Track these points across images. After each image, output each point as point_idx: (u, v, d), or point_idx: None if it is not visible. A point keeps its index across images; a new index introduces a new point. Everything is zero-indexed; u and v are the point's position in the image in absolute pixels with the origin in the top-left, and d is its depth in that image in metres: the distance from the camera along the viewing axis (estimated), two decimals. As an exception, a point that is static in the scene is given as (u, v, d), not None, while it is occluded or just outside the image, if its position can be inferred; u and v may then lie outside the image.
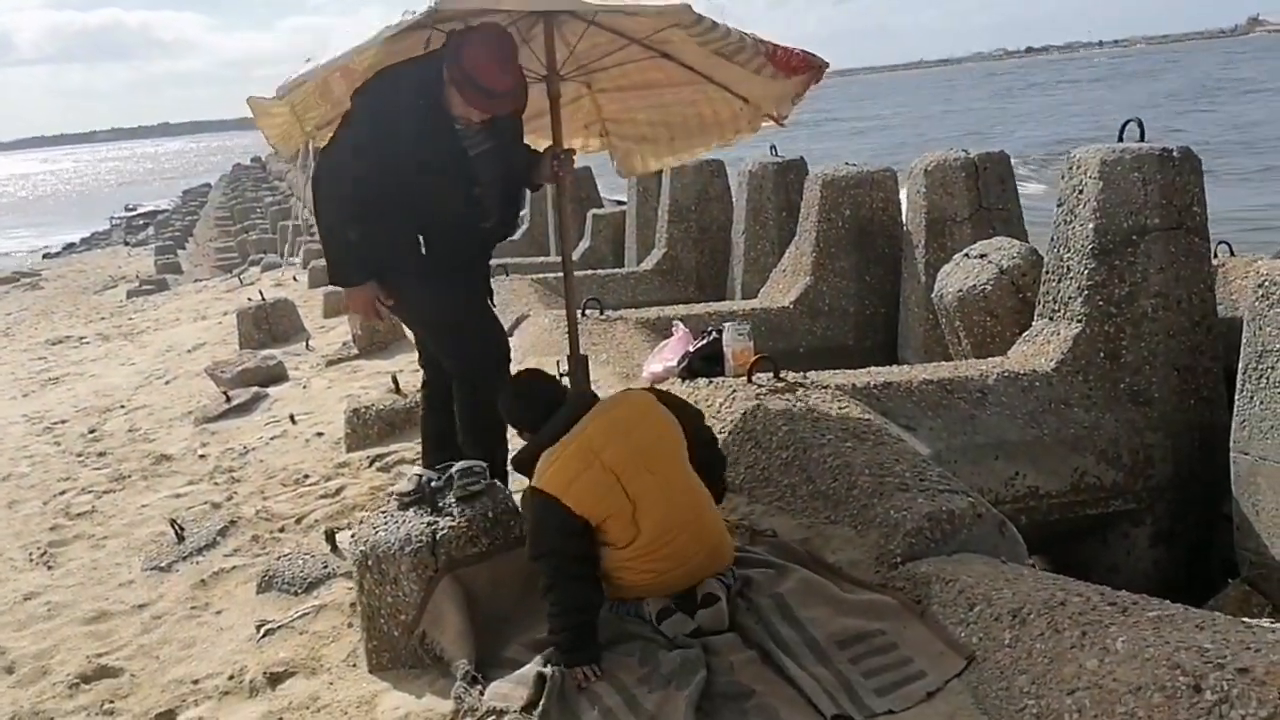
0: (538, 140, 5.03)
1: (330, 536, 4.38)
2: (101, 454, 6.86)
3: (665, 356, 5.06)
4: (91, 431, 7.54)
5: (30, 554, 5.20)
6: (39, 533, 5.49)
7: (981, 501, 3.48)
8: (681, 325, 5.32)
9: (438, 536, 3.39)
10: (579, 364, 4.50)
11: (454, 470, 3.62)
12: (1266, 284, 4.26)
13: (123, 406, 8.22)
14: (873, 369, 5.16)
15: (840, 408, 4.21)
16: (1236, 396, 4.45)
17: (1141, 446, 5.01)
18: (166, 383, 8.77)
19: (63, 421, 8.01)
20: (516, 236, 15.67)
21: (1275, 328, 4.24)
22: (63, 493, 6.11)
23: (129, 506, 5.70)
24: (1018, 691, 2.60)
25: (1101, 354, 5.04)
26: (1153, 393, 5.03)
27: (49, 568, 5.02)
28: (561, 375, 5.00)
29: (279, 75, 3.74)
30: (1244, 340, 4.40)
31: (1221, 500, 4.70)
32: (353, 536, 3.57)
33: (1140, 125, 5.19)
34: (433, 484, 3.60)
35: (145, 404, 8.13)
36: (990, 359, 5.42)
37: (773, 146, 9.38)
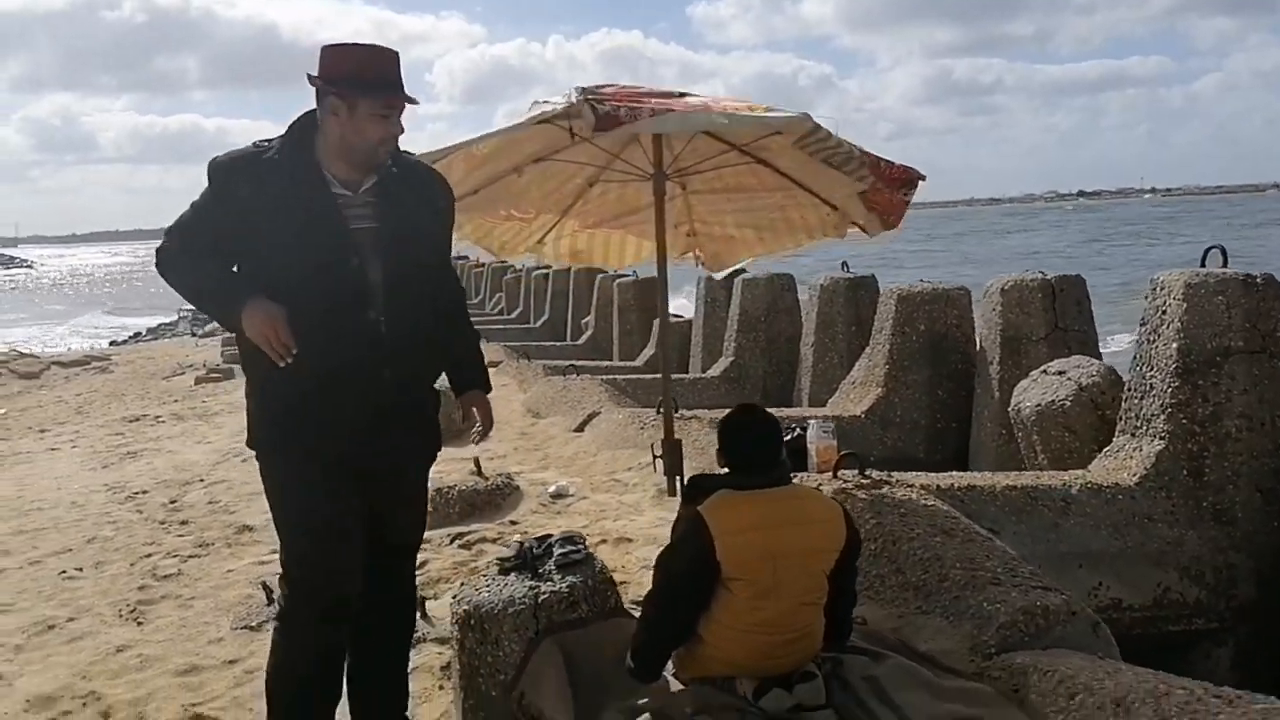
0: (628, 236, 5.25)
1: (421, 603, 4.47)
2: (184, 522, 7.04)
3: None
4: (173, 502, 7.73)
5: (120, 611, 5.34)
6: (127, 591, 5.63)
7: (1075, 600, 3.52)
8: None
9: (540, 600, 3.48)
10: (673, 449, 4.66)
11: (554, 539, 3.75)
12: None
13: (201, 480, 8.43)
14: (955, 473, 5.24)
15: (927, 504, 4.28)
16: (1322, 521, 4.47)
17: (1225, 566, 5.01)
18: (243, 460, 8.96)
19: (143, 492, 8.22)
20: (580, 341, 15.99)
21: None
22: (148, 555, 6.27)
23: (214, 571, 5.84)
24: (1123, 777, 2.62)
25: (1185, 471, 5.08)
26: (1236, 512, 5.05)
27: (138, 624, 5.14)
28: (655, 458, 5.16)
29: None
30: (1331, 465, 4.43)
31: (1308, 625, 4.68)
32: (454, 597, 3.67)
33: (1223, 251, 5.33)
34: (534, 551, 3.72)
35: (224, 479, 8.33)
36: (1071, 471, 5.46)
37: (844, 263, 9.65)
